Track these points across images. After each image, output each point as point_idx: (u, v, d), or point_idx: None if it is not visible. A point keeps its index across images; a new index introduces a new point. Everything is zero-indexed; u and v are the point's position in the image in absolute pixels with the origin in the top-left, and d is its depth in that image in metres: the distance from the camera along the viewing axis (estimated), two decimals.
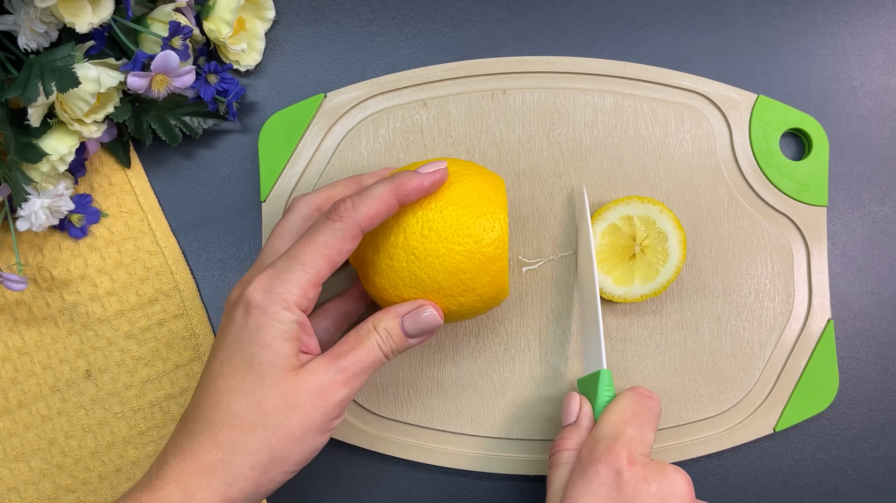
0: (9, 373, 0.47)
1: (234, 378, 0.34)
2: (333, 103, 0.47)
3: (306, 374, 0.34)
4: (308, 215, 0.40)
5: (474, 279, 0.38)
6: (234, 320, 0.35)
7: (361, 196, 0.36)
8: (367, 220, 0.35)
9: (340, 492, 0.47)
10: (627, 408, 0.39)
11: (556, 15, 0.49)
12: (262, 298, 0.34)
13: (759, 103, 0.47)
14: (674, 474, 0.35)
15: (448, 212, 0.38)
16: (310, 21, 0.49)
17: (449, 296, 0.38)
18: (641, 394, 0.40)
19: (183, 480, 0.33)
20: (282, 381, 0.34)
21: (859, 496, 0.47)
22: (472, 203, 0.38)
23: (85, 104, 0.41)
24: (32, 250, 0.47)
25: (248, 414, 0.34)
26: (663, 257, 0.44)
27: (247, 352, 0.34)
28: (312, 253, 0.35)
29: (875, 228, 0.48)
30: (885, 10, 0.49)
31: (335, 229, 0.35)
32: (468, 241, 0.37)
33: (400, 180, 0.36)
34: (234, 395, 0.34)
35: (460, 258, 0.37)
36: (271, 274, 0.35)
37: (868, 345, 0.48)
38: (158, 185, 0.49)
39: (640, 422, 0.38)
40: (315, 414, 0.34)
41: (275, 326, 0.34)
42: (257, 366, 0.34)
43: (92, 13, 0.41)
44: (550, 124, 0.47)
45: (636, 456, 0.36)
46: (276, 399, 0.34)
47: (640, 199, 0.45)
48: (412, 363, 0.46)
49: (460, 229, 0.37)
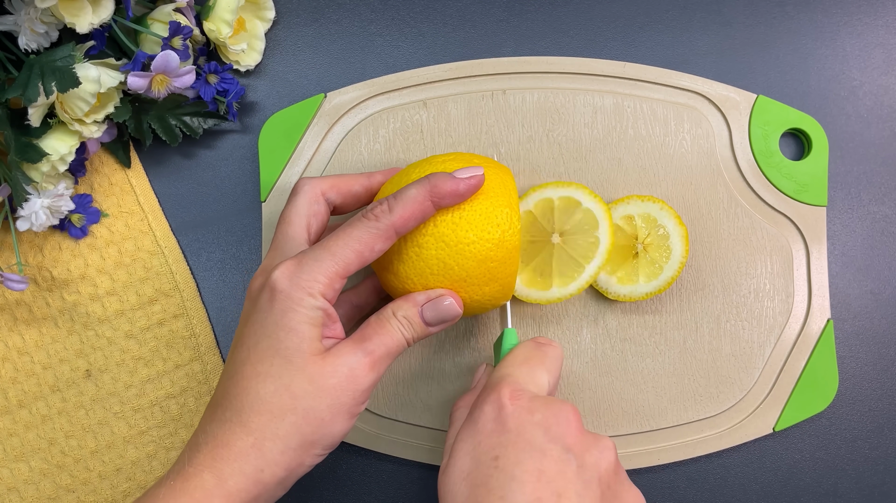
0: (9, 372, 0.47)
1: (262, 363, 0.34)
2: (333, 103, 0.47)
3: (333, 358, 0.35)
4: (314, 198, 0.40)
5: (501, 268, 0.38)
6: (260, 306, 0.35)
7: (397, 198, 0.36)
8: (402, 223, 0.36)
9: (340, 492, 0.47)
10: (519, 354, 0.38)
11: (556, 15, 0.49)
12: (287, 284, 0.35)
13: (759, 103, 0.47)
14: (560, 404, 0.34)
15: (477, 201, 0.38)
16: (310, 21, 0.49)
17: (475, 284, 0.38)
18: (537, 342, 0.39)
19: (216, 467, 0.33)
20: (309, 365, 0.34)
21: (859, 496, 0.47)
22: (499, 193, 0.38)
23: (85, 104, 0.41)
24: (32, 250, 0.47)
25: (276, 398, 0.34)
26: (666, 254, 0.44)
27: (273, 337, 0.34)
28: (344, 246, 0.35)
29: (875, 228, 0.48)
30: (884, 10, 0.49)
31: (370, 227, 0.35)
32: (497, 230, 0.38)
33: (436, 183, 0.36)
34: (263, 381, 0.34)
35: (490, 246, 0.38)
36: (299, 260, 0.35)
37: (868, 345, 0.48)
38: (158, 185, 0.49)
39: (532, 365, 0.37)
40: (343, 398, 0.34)
41: (300, 312, 0.34)
42: (284, 351, 0.34)
43: (92, 13, 0.41)
44: (550, 124, 0.47)
45: (521, 392, 0.35)
46: (304, 383, 0.34)
47: (639, 198, 0.45)
48: (412, 363, 0.46)
49: (490, 218, 0.38)
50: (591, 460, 0.33)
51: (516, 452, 0.33)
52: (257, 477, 0.34)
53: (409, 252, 0.38)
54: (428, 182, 0.36)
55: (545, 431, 0.33)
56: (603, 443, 0.34)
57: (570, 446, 0.33)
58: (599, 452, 0.33)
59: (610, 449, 0.34)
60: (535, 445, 0.33)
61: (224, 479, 0.33)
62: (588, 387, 0.46)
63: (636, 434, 0.46)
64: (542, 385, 0.37)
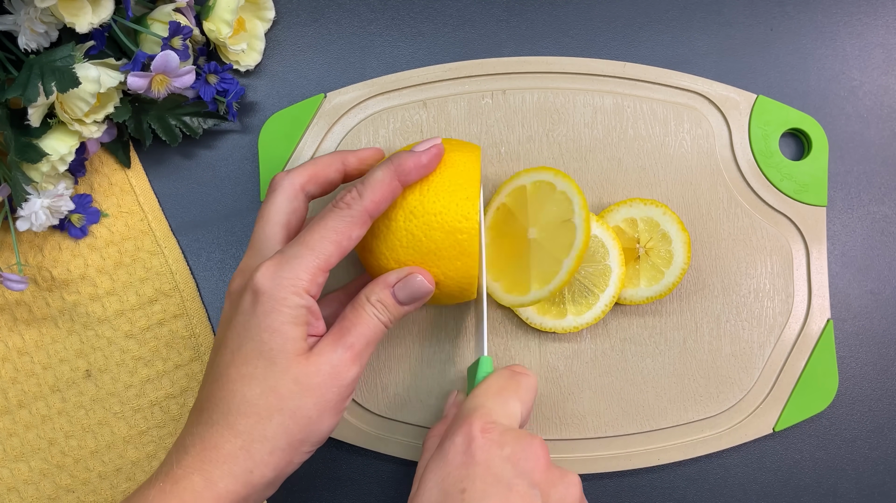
0: (9, 373, 0.47)
1: (247, 366, 0.34)
2: (333, 103, 0.47)
3: (316, 357, 0.35)
4: (293, 195, 0.39)
5: (470, 241, 0.38)
6: (242, 309, 0.35)
7: (365, 183, 0.36)
8: (374, 206, 0.36)
9: (340, 492, 0.47)
10: (494, 383, 0.38)
11: (556, 15, 0.49)
12: (270, 284, 0.35)
13: (759, 103, 0.47)
14: (530, 439, 0.34)
15: (446, 173, 0.38)
16: (310, 21, 0.49)
17: (445, 258, 0.38)
18: (512, 370, 0.39)
19: (205, 469, 0.34)
20: (293, 366, 0.34)
21: (858, 496, 0.47)
22: (468, 169, 0.39)
23: (85, 104, 0.41)
24: (32, 250, 0.47)
25: (263, 400, 0.34)
26: (667, 259, 0.44)
27: (256, 339, 0.34)
28: (322, 238, 0.35)
29: (874, 228, 0.48)
30: (884, 10, 0.49)
31: (344, 216, 0.36)
32: (466, 203, 0.38)
33: (399, 161, 0.37)
34: (248, 383, 0.34)
35: (458, 217, 0.38)
36: (279, 260, 0.35)
37: (867, 345, 0.48)
38: (158, 185, 0.49)
39: (505, 396, 0.37)
40: (329, 395, 0.35)
41: (284, 312, 0.34)
42: (268, 353, 0.34)
43: (92, 13, 0.41)
44: (550, 124, 0.47)
45: (492, 424, 0.35)
46: (289, 384, 0.34)
47: (642, 201, 0.45)
48: (412, 363, 0.46)
49: (456, 188, 0.38)
50: (556, 496, 0.33)
51: (484, 486, 0.33)
52: (246, 478, 0.34)
53: (379, 227, 0.39)
54: (391, 162, 0.37)
55: (513, 465, 0.33)
56: (569, 479, 0.34)
57: (536, 482, 0.33)
58: (565, 488, 0.34)
59: (575, 485, 0.34)
60: (502, 479, 0.33)
61: (213, 482, 0.33)
62: (588, 387, 0.46)
63: (636, 434, 0.46)
64: (515, 416, 0.36)
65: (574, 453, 0.46)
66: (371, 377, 0.46)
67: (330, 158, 0.41)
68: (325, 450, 0.47)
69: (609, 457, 0.46)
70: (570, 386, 0.46)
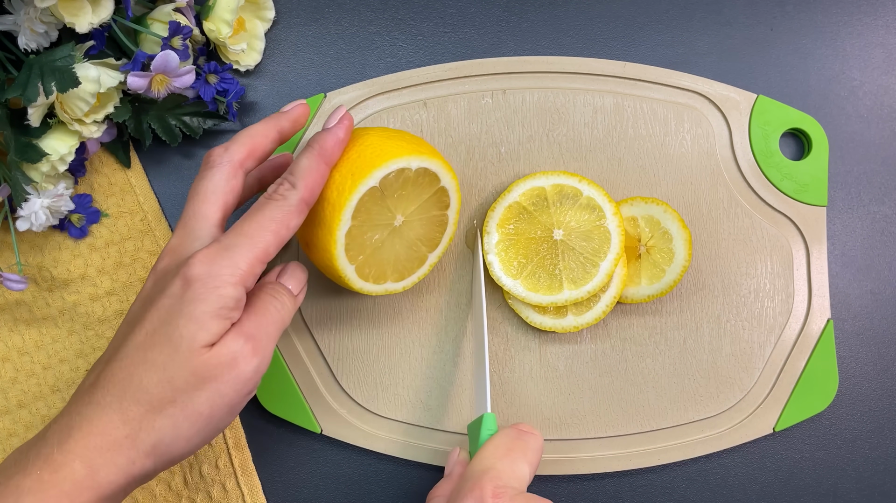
0: (9, 373, 0.47)
1: (152, 351, 0.33)
2: (333, 103, 0.47)
3: (218, 348, 0.34)
4: (231, 174, 0.37)
5: (333, 214, 0.38)
6: (169, 292, 0.34)
7: (295, 174, 0.36)
8: (309, 194, 0.36)
9: (340, 492, 0.47)
10: (501, 444, 0.37)
11: (556, 15, 0.49)
12: (206, 272, 0.33)
13: (759, 103, 0.47)
14: None
15: (356, 151, 0.39)
16: (310, 21, 0.49)
17: (313, 223, 0.38)
18: (519, 430, 0.39)
19: (88, 456, 0.32)
20: (195, 357, 0.33)
21: (859, 496, 0.47)
22: (375, 153, 0.39)
23: (85, 104, 0.41)
24: (33, 250, 0.47)
25: (158, 390, 0.33)
26: (669, 257, 0.44)
27: (172, 324, 0.33)
28: (260, 228, 0.34)
29: (875, 228, 0.48)
30: (884, 10, 0.49)
31: (282, 206, 0.35)
32: (348, 178, 0.38)
33: (321, 144, 0.37)
34: (148, 369, 0.33)
35: (333, 189, 0.38)
36: (217, 249, 0.34)
37: (868, 345, 0.48)
38: (159, 185, 0.49)
39: (513, 457, 0.36)
40: (225, 389, 0.33)
41: (210, 301, 0.33)
42: (177, 340, 0.33)
43: (92, 13, 0.41)
44: (550, 124, 0.47)
45: (503, 489, 0.35)
46: (186, 375, 0.33)
47: (643, 200, 0.45)
48: (412, 363, 0.46)
49: (349, 167, 0.38)
50: None
51: None
52: (129, 469, 0.33)
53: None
54: (314, 148, 0.37)
55: None
56: None
57: None
58: None
59: None
60: None
61: (95, 470, 0.32)
62: (588, 387, 0.46)
63: (636, 434, 0.46)
64: (524, 479, 0.36)
65: (574, 453, 0.46)
66: (371, 377, 0.46)
67: (265, 128, 0.39)
68: (325, 450, 0.47)
69: (609, 457, 0.46)
70: (570, 386, 0.46)
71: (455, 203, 0.42)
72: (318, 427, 0.46)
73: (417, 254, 0.42)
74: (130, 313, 0.36)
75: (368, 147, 0.39)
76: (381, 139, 0.39)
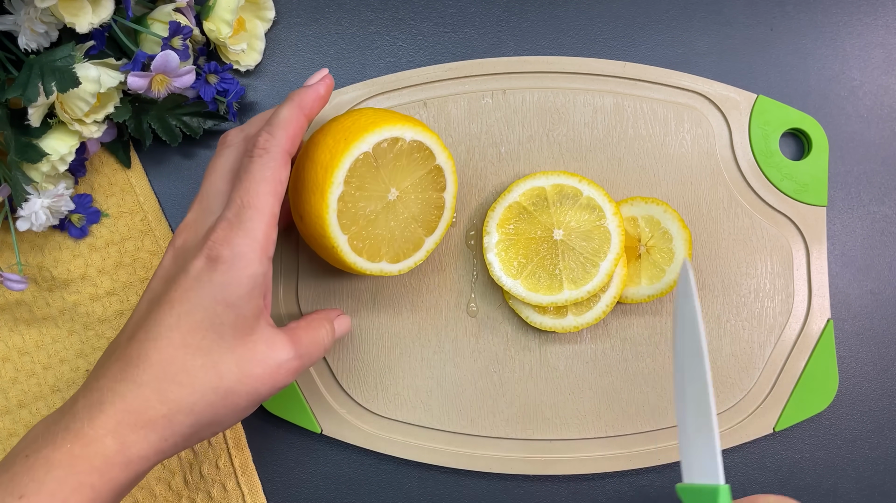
0: (9, 373, 0.47)
1: (193, 335, 0.33)
2: (333, 103, 0.47)
3: (265, 347, 0.34)
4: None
5: (325, 177, 0.38)
6: (192, 272, 0.34)
7: (274, 125, 0.36)
8: (289, 143, 0.36)
9: (340, 492, 0.47)
10: None
11: (556, 15, 0.49)
12: (230, 254, 0.33)
13: (759, 103, 0.47)
14: None
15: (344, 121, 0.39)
16: (310, 21, 0.49)
17: (306, 190, 0.38)
18: None
19: (120, 432, 0.32)
20: (239, 346, 0.34)
21: (859, 496, 0.47)
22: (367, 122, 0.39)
23: (85, 104, 0.41)
24: (33, 250, 0.47)
25: (202, 374, 0.33)
26: (669, 257, 0.44)
27: (210, 310, 0.33)
28: (258, 192, 0.34)
29: (874, 228, 0.48)
30: (884, 10, 0.49)
31: (267, 160, 0.35)
32: (340, 143, 0.38)
33: (299, 97, 0.37)
34: (192, 354, 0.33)
35: (325, 151, 0.38)
36: (228, 227, 0.34)
37: (868, 345, 0.48)
38: (159, 185, 0.49)
39: None
40: (263, 389, 0.35)
41: (244, 284, 0.34)
42: (219, 327, 0.33)
43: (92, 13, 0.41)
44: (550, 124, 0.47)
45: None
46: (231, 364, 0.34)
47: (643, 200, 0.45)
48: (412, 363, 0.46)
49: (342, 132, 0.39)
50: None
51: None
52: (160, 446, 0.33)
53: None
54: (293, 100, 0.37)
55: None
56: None
57: None
58: None
59: None
60: None
61: (128, 446, 0.32)
62: (588, 387, 0.46)
63: (636, 434, 0.46)
64: None
65: (574, 453, 0.46)
66: (371, 377, 0.46)
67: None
68: (325, 450, 0.47)
69: (609, 457, 0.46)
70: (570, 386, 0.46)
71: (451, 186, 0.41)
72: (318, 427, 0.46)
73: (413, 235, 0.41)
74: (151, 291, 0.36)
75: (363, 116, 0.39)
76: (377, 111, 0.40)
